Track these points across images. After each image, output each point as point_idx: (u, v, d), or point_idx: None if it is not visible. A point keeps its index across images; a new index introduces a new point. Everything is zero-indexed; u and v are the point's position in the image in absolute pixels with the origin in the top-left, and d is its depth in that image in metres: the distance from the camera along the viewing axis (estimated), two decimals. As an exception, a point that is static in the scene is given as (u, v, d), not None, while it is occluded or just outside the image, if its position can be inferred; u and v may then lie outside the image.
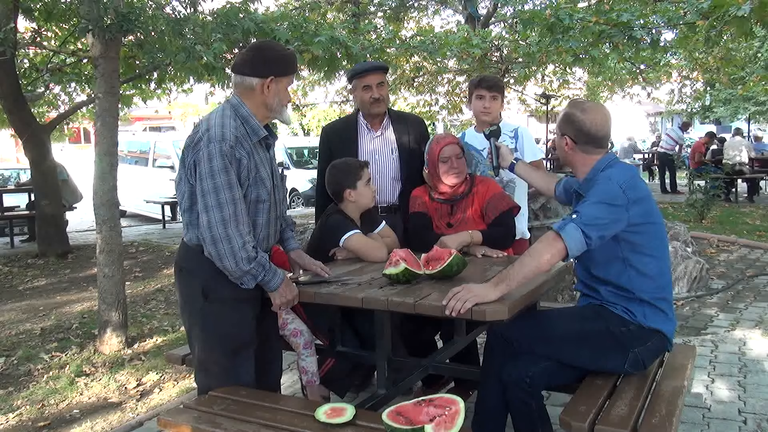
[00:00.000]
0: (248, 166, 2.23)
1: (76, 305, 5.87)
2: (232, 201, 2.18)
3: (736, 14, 4.94)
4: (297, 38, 6.19)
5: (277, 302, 2.33)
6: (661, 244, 2.35)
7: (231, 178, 2.18)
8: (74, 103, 9.40)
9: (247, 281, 2.25)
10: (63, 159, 10.69)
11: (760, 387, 3.44)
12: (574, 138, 2.38)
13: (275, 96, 2.31)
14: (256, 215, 2.31)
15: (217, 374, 2.33)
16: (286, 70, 2.31)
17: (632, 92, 15.60)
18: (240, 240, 2.18)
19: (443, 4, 13.57)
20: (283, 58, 2.31)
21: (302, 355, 2.90)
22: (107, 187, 4.47)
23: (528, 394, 2.23)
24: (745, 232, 8.50)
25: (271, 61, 2.29)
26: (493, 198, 3.05)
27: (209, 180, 2.17)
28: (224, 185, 2.17)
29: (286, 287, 2.33)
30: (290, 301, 2.35)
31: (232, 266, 2.19)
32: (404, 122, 3.45)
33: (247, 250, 2.19)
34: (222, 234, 2.17)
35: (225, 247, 2.17)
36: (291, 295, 2.34)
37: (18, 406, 3.61)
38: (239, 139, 2.23)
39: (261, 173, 2.29)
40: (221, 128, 2.21)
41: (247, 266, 2.20)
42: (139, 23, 4.49)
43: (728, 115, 22.98)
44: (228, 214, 2.17)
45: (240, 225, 2.19)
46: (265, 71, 2.27)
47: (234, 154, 2.19)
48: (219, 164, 2.16)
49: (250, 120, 2.29)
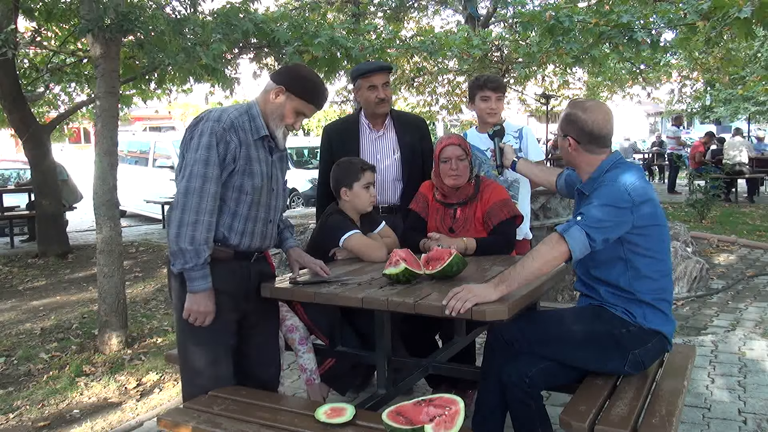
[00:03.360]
0: (237, 152, 2.25)
1: (76, 305, 5.87)
2: (203, 176, 2.19)
3: (737, 16, 4.94)
4: (297, 38, 6.20)
5: (186, 305, 2.25)
6: (664, 246, 2.34)
7: (211, 156, 2.20)
8: (74, 103, 9.40)
9: (176, 261, 2.21)
10: (63, 159, 10.68)
11: (760, 387, 3.44)
12: (577, 138, 2.36)
13: (278, 107, 2.33)
14: (236, 205, 2.31)
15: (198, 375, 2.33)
16: (302, 92, 2.32)
17: (632, 92, 15.62)
18: (193, 216, 2.18)
19: (443, 4, 13.56)
20: (306, 82, 2.35)
21: (299, 351, 2.90)
22: (107, 187, 4.47)
23: (528, 395, 2.23)
24: (745, 232, 8.50)
25: (293, 77, 2.34)
26: (495, 205, 2.99)
27: (193, 153, 2.22)
28: (201, 160, 2.20)
29: (205, 299, 2.24)
30: (199, 314, 2.25)
31: (173, 235, 2.19)
32: (406, 122, 3.44)
33: (195, 229, 2.17)
34: (180, 202, 2.19)
35: (176, 214, 2.19)
36: (204, 309, 2.25)
37: (18, 406, 3.61)
38: (235, 126, 2.26)
39: (253, 167, 2.31)
40: (221, 112, 2.28)
41: (184, 244, 2.17)
42: (139, 23, 4.48)
43: (728, 115, 22.95)
44: (193, 187, 2.19)
45: (202, 202, 2.19)
46: (282, 80, 2.32)
47: (224, 136, 2.22)
48: (206, 141, 2.21)
49: (257, 119, 2.33)
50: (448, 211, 3.06)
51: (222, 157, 2.22)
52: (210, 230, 2.22)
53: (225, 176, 2.25)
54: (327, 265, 2.61)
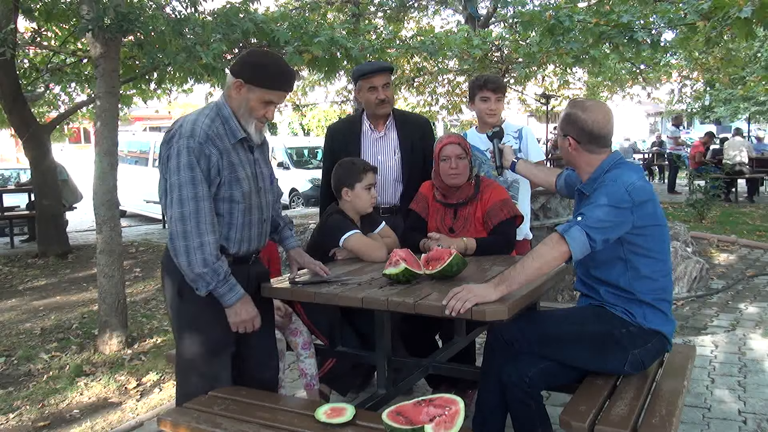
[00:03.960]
0: (219, 164, 2.18)
1: (76, 305, 5.87)
2: (194, 198, 2.13)
3: (738, 16, 4.94)
4: (297, 38, 6.20)
5: (230, 320, 2.25)
6: (664, 247, 2.34)
7: (196, 175, 2.13)
8: (74, 103, 9.40)
9: (199, 286, 2.17)
10: (63, 159, 10.68)
11: (760, 387, 3.44)
12: (577, 138, 2.36)
13: (243, 102, 2.22)
14: (230, 216, 2.26)
15: (193, 376, 2.31)
16: (261, 80, 2.19)
17: (632, 92, 15.63)
18: (197, 239, 2.13)
19: (443, 4, 13.56)
20: (262, 68, 2.20)
21: (301, 356, 2.90)
22: (107, 187, 4.47)
23: (528, 395, 2.23)
24: (745, 232, 8.50)
25: (248, 67, 2.21)
26: (495, 205, 2.98)
27: (175, 175, 2.14)
28: (187, 182, 2.12)
29: (244, 306, 2.24)
30: (245, 322, 2.26)
31: (184, 265, 2.15)
32: (408, 123, 3.43)
33: (204, 251, 2.13)
34: (179, 230, 2.13)
35: (180, 244, 2.13)
36: (247, 316, 2.25)
37: (18, 406, 3.61)
38: (210, 137, 2.17)
39: (238, 174, 2.24)
40: (192, 125, 2.17)
41: (199, 269, 2.13)
42: (139, 23, 4.49)
43: (728, 115, 22.97)
44: (188, 211, 2.13)
45: (201, 224, 2.14)
46: (238, 72, 2.21)
47: (203, 151, 2.14)
48: (185, 160, 2.13)
49: (230, 121, 2.23)
50: (448, 211, 3.06)
51: (206, 173, 2.15)
52: (218, 245, 2.20)
53: (213, 190, 2.20)
54: (327, 265, 2.61)
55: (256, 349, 2.48)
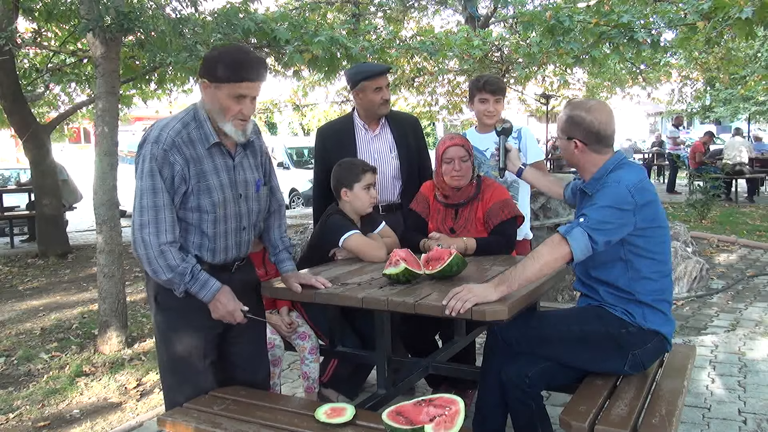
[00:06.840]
0: (184, 172, 2.10)
1: (76, 305, 5.87)
2: (153, 207, 2.07)
3: (738, 16, 4.94)
4: (297, 38, 6.20)
5: (213, 315, 2.21)
6: (665, 248, 2.33)
7: (156, 183, 2.07)
8: (74, 103, 9.41)
9: (174, 288, 2.14)
10: (63, 159, 10.70)
11: (760, 387, 3.44)
12: (584, 140, 2.32)
13: (215, 102, 2.12)
14: (200, 226, 2.18)
15: (173, 382, 2.28)
16: (223, 75, 2.07)
17: (632, 92, 15.63)
18: (156, 248, 2.08)
19: (443, 4, 13.56)
20: (220, 63, 2.08)
21: (306, 360, 2.90)
22: (107, 187, 4.47)
23: (527, 395, 2.23)
24: (745, 232, 8.50)
25: (207, 63, 2.13)
26: (495, 205, 2.97)
27: (138, 181, 2.10)
28: (147, 189, 2.07)
29: (221, 299, 2.19)
30: (227, 315, 2.20)
31: (151, 273, 2.13)
32: (400, 121, 3.49)
33: (166, 258, 2.08)
34: (138, 238, 2.09)
35: (141, 252, 2.10)
36: (224, 311, 2.19)
37: (18, 406, 3.61)
38: (177, 143, 2.09)
39: (209, 182, 2.15)
40: (160, 130, 2.11)
41: (164, 275, 2.10)
42: (139, 23, 4.49)
43: (728, 115, 22.96)
44: (147, 219, 2.08)
45: (161, 233, 2.08)
46: (202, 73, 2.14)
47: (167, 158, 2.07)
48: (147, 167, 2.08)
49: (205, 125, 2.16)
50: (449, 212, 3.06)
51: (169, 181, 2.09)
52: (180, 249, 2.14)
53: (179, 199, 2.12)
54: (327, 265, 2.60)
55: (246, 356, 2.42)
